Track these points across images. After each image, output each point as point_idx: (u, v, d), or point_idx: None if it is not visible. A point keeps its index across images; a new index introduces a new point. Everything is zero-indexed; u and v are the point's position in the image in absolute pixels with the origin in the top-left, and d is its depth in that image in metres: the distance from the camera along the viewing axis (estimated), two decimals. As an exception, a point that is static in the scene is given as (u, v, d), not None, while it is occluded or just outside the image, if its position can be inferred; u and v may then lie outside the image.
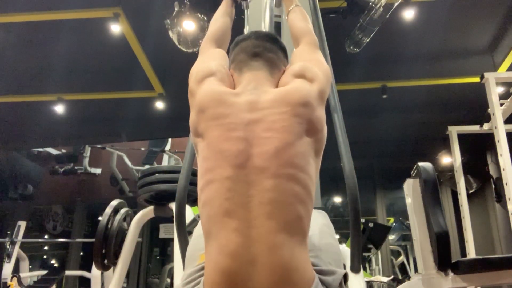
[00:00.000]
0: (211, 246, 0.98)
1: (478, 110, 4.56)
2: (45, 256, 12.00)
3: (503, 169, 3.35)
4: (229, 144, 1.04)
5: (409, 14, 4.28)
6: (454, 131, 4.69)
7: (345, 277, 1.08)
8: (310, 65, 1.22)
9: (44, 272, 6.35)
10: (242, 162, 1.01)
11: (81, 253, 8.56)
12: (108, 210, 2.94)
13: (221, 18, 1.54)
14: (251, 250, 0.92)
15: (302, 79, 1.16)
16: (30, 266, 7.57)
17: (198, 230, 1.33)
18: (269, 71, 1.21)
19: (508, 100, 3.88)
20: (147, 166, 6.75)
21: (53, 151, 8.51)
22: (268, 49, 1.24)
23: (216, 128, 1.07)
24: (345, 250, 1.86)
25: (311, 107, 1.10)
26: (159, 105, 5.97)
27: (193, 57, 1.34)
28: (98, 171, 8.43)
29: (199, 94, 1.15)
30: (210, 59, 1.29)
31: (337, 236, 1.38)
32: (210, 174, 1.03)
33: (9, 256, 5.56)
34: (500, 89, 4.10)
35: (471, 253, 4.27)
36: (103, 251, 2.87)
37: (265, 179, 0.99)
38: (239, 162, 1.01)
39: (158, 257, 10.47)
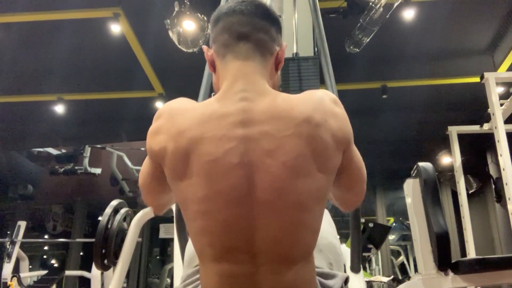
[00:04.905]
0: (208, 272, 0.89)
1: (478, 110, 4.56)
2: (45, 256, 12.00)
3: (503, 169, 3.35)
4: (225, 179, 0.85)
5: (409, 14, 4.28)
6: (454, 131, 4.69)
7: (346, 280, 1.06)
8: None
9: (44, 272, 6.34)
10: (242, 200, 0.85)
11: (81, 253, 8.56)
12: (108, 210, 2.93)
13: None
14: (254, 278, 0.86)
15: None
16: (30, 266, 7.57)
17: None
18: (259, 60, 0.99)
19: (508, 100, 3.88)
20: (147, 166, 6.73)
21: (53, 151, 8.51)
22: (258, 28, 1.00)
23: (205, 159, 0.85)
24: (345, 250, 1.85)
25: (317, 124, 0.89)
26: (159, 105, 5.97)
27: (193, 57, 1.33)
28: (98, 171, 8.43)
29: (169, 123, 0.92)
30: None
31: (337, 236, 1.36)
32: (204, 218, 0.87)
33: (9, 256, 5.55)
34: (500, 89, 4.10)
35: (471, 253, 4.27)
36: (103, 251, 2.87)
37: (269, 216, 0.85)
38: (238, 201, 0.85)
39: (158, 257, 10.47)
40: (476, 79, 3.84)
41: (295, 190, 0.86)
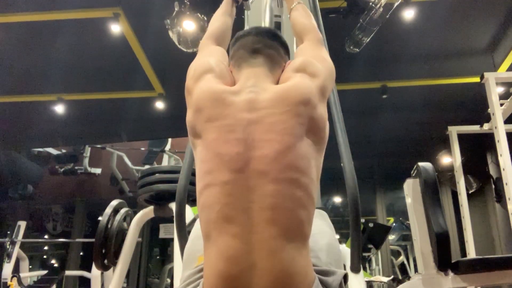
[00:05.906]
0: (210, 250, 0.96)
1: (478, 110, 4.56)
2: (45, 256, 11.99)
3: (503, 169, 3.35)
4: (228, 147, 1.00)
5: (409, 14, 4.28)
6: (454, 131, 4.70)
7: (345, 277, 1.08)
8: (312, 60, 1.19)
9: (44, 272, 6.35)
10: (242, 166, 0.98)
11: (81, 253, 8.56)
12: (108, 210, 2.95)
13: (221, 17, 1.50)
14: (251, 256, 0.91)
15: (303, 73, 1.13)
16: (30, 266, 7.58)
17: (195, 232, 1.32)
18: (268, 68, 1.18)
19: (508, 100, 3.88)
20: (147, 166, 6.74)
21: (53, 151, 8.50)
22: (268, 45, 1.22)
23: (214, 129, 1.04)
24: (345, 250, 1.86)
25: (312, 105, 1.06)
26: (159, 105, 5.97)
27: (193, 57, 1.33)
28: (98, 171, 8.43)
29: (196, 93, 1.13)
30: (209, 56, 1.26)
31: (337, 236, 1.37)
32: (209, 178, 1.01)
33: (9, 256, 5.56)
34: (500, 89, 4.11)
35: (471, 253, 4.27)
36: (103, 251, 2.88)
37: (266, 184, 0.96)
38: (238, 166, 0.98)
39: (158, 257, 10.47)
40: (476, 79, 3.84)
41: (290, 160, 0.99)
